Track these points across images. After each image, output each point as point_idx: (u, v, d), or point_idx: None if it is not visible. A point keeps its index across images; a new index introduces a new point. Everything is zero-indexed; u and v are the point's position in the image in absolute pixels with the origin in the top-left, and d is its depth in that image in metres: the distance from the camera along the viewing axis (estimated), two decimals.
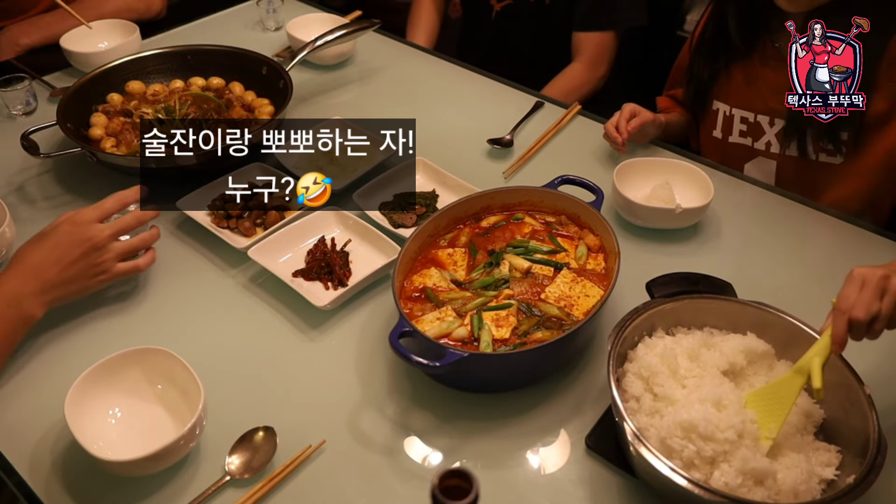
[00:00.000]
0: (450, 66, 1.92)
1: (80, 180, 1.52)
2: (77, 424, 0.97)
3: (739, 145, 1.59)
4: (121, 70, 1.66)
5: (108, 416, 1.04)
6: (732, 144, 1.60)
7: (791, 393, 0.93)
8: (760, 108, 1.53)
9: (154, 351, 1.05)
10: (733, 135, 1.59)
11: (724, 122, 1.59)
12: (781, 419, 0.93)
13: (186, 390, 1.03)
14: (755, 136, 1.56)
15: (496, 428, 1.06)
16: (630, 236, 1.37)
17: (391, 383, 1.12)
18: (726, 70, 1.56)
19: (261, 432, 1.02)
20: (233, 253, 1.32)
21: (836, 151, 1.47)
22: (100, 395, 1.03)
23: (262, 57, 1.69)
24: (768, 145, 1.55)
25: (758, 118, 1.54)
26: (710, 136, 1.63)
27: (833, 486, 0.91)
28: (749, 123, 1.55)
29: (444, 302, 1.13)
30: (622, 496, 0.98)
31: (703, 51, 1.59)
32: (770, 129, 1.53)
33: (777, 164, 1.55)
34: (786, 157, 1.53)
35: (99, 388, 1.03)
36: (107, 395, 1.04)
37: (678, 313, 1.08)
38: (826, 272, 1.31)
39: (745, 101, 1.55)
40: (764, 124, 1.54)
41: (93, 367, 1.02)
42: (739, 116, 1.56)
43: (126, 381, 1.05)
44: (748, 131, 1.56)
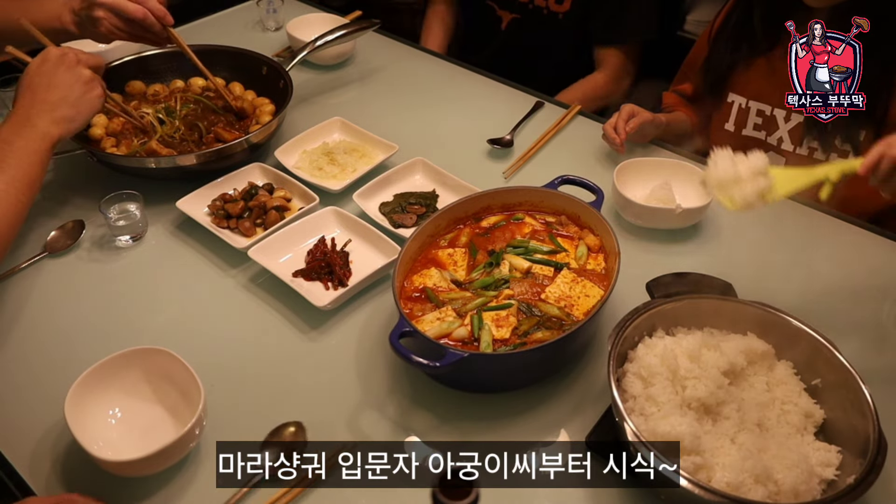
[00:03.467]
0: (450, 66, 1.92)
1: (80, 180, 1.52)
2: (77, 425, 0.97)
3: (752, 139, 1.58)
4: (121, 70, 1.66)
5: (108, 417, 1.04)
6: (745, 138, 1.59)
7: (807, 179, 1.02)
8: (778, 101, 1.52)
9: (154, 351, 1.05)
10: (747, 128, 1.58)
11: (738, 115, 1.59)
12: (792, 187, 1.03)
13: (186, 390, 1.03)
14: (769, 130, 1.55)
15: (496, 428, 1.06)
16: (630, 236, 1.37)
17: (391, 383, 1.12)
18: (746, 62, 1.55)
19: (291, 427, 1.03)
20: (233, 253, 1.32)
21: (853, 151, 1.46)
22: (100, 395, 1.03)
23: (262, 57, 1.69)
24: (780, 141, 1.54)
25: (774, 112, 1.53)
26: (721, 130, 1.62)
27: (833, 486, 0.91)
28: (765, 117, 1.55)
29: (444, 302, 1.13)
30: (622, 496, 0.98)
31: (724, 41, 1.58)
32: (785, 124, 1.53)
33: (786, 161, 1.55)
34: (795, 154, 1.53)
35: (99, 388, 1.03)
36: (107, 395, 1.04)
37: (678, 313, 1.08)
38: (826, 272, 1.31)
39: (763, 94, 1.54)
40: (780, 118, 1.53)
41: (93, 367, 1.02)
42: (756, 109, 1.55)
43: (126, 381, 1.05)
44: (763, 125, 1.56)
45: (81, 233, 1.38)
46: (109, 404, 1.04)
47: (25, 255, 1.34)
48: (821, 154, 1.49)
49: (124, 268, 1.34)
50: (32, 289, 1.29)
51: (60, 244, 1.36)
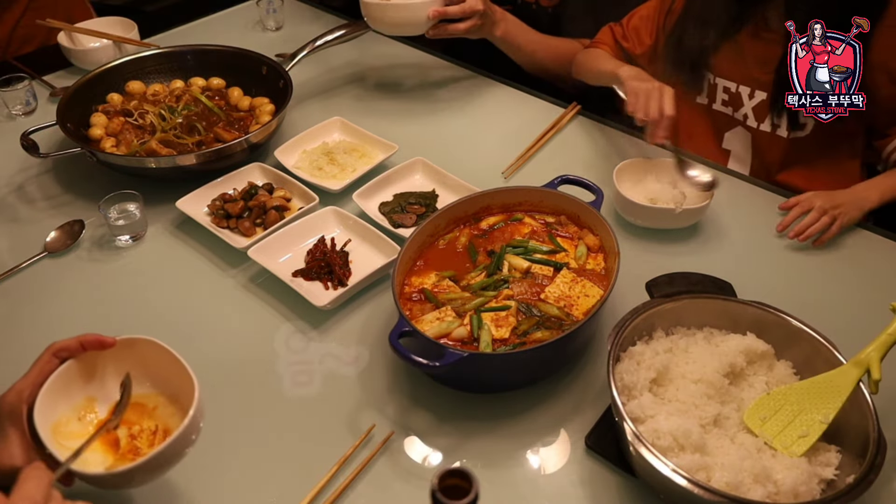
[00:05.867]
0: (450, 65, 1.91)
1: (80, 180, 1.52)
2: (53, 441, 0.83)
3: (722, 113, 1.60)
4: (121, 70, 1.66)
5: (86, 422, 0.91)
6: (716, 112, 1.61)
7: (849, 383, 0.95)
8: (743, 79, 1.54)
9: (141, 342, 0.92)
10: (717, 102, 1.60)
11: (709, 90, 1.61)
12: (837, 407, 0.95)
13: (180, 389, 0.90)
14: (735, 106, 1.58)
15: (496, 428, 1.06)
16: (630, 236, 1.37)
17: (391, 383, 1.12)
18: (716, 42, 1.56)
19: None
20: (233, 253, 1.32)
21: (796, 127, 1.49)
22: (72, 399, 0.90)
23: (262, 57, 1.69)
24: (745, 117, 1.56)
25: (739, 89, 1.55)
26: (694, 103, 1.64)
27: (833, 486, 0.91)
28: (731, 93, 1.57)
29: (444, 302, 1.13)
30: (622, 496, 0.98)
31: (693, 24, 1.58)
32: (749, 101, 1.54)
33: (752, 136, 1.57)
34: (759, 130, 1.55)
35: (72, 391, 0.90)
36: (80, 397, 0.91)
37: (678, 313, 1.08)
38: (826, 272, 1.31)
39: (729, 71, 1.56)
40: (744, 95, 1.55)
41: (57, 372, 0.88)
42: (722, 86, 1.57)
43: (105, 383, 0.93)
44: (729, 101, 1.58)
45: (81, 233, 1.38)
46: (87, 408, 0.91)
47: (25, 255, 1.34)
48: (783, 131, 1.51)
49: (124, 268, 1.34)
50: (32, 289, 1.29)
51: (60, 244, 1.36)
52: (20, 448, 0.81)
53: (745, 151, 1.58)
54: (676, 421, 0.93)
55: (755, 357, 1.04)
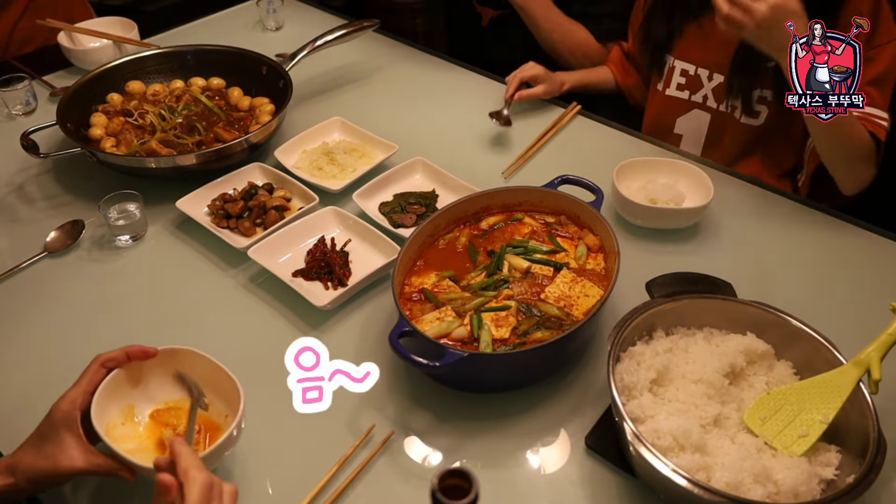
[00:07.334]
0: (449, 65, 1.92)
1: (80, 180, 1.52)
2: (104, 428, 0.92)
3: (676, 98, 1.63)
4: (121, 70, 1.66)
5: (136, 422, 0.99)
6: (670, 97, 1.64)
7: (849, 383, 0.95)
8: (703, 61, 1.57)
9: (181, 352, 1.00)
10: (671, 87, 1.63)
11: (666, 74, 1.64)
12: (837, 407, 0.94)
13: (218, 392, 0.99)
14: (693, 88, 1.61)
15: (496, 428, 1.06)
16: (630, 236, 1.37)
17: (391, 383, 1.12)
18: (681, 28, 1.59)
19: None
20: (233, 253, 1.32)
21: (767, 109, 1.53)
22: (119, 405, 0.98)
23: (262, 57, 1.69)
24: (705, 98, 1.59)
25: (698, 71, 1.58)
26: (656, 90, 1.68)
27: (833, 486, 0.91)
28: (688, 76, 1.59)
29: (444, 302, 1.13)
30: (622, 496, 0.98)
31: (658, 11, 1.62)
32: (709, 83, 1.58)
33: (711, 117, 1.60)
34: (718, 111, 1.58)
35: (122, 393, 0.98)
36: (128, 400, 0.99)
37: (678, 313, 1.08)
38: (825, 272, 1.31)
39: (690, 54, 1.59)
40: (703, 77, 1.58)
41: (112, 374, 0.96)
42: (680, 69, 1.60)
43: (148, 389, 1.00)
44: (686, 84, 1.61)
45: (81, 233, 1.38)
46: (129, 413, 0.99)
47: (25, 255, 1.34)
48: (740, 112, 1.55)
49: (124, 268, 1.34)
50: (32, 289, 1.29)
51: (60, 244, 1.36)
52: (78, 451, 0.89)
53: (698, 135, 1.62)
54: (676, 421, 0.93)
55: (755, 357, 1.04)
